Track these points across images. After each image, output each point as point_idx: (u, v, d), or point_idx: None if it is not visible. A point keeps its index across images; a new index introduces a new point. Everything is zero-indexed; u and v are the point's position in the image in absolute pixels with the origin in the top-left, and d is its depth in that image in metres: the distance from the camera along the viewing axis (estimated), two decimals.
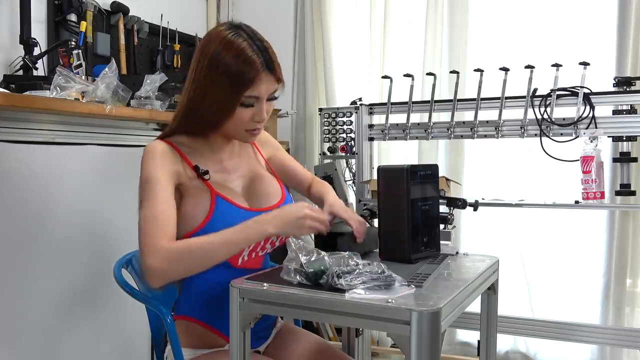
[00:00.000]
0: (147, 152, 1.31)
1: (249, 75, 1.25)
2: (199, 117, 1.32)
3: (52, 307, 1.88)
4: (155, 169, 1.28)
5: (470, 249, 1.60)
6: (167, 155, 1.31)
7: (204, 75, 1.28)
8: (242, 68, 1.25)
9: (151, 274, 1.19)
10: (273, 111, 3.01)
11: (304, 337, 1.51)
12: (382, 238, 1.40)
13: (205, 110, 1.30)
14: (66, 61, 2.15)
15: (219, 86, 1.26)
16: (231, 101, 1.27)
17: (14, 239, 1.76)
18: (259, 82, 1.26)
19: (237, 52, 1.26)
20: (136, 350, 2.20)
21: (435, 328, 0.99)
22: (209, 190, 1.32)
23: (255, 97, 1.28)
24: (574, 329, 2.19)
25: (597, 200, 2.03)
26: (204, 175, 1.32)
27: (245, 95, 1.27)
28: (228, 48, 1.26)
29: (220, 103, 1.28)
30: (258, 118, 1.32)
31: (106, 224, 2.06)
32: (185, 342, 1.35)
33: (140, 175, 1.29)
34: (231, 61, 1.25)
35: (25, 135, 1.78)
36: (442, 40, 2.83)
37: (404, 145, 2.85)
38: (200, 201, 1.30)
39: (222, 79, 1.26)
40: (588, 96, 2.09)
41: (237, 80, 1.25)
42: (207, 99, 1.29)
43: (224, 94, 1.27)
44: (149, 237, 1.20)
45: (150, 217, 1.22)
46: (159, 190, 1.26)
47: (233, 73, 1.25)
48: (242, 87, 1.26)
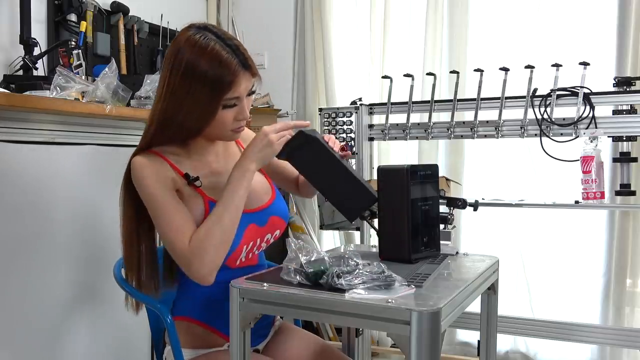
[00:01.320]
0: (136, 169, 1.28)
1: (227, 78, 1.23)
2: (177, 126, 1.29)
3: (52, 307, 1.88)
4: (152, 184, 1.26)
5: (470, 249, 1.60)
6: (156, 165, 1.29)
7: (179, 84, 1.24)
8: (219, 72, 1.22)
9: (198, 275, 1.23)
10: (273, 111, 3.05)
11: (304, 336, 1.51)
12: (382, 238, 1.40)
13: (184, 118, 1.27)
14: (66, 61, 2.15)
15: (197, 94, 1.23)
16: (212, 106, 1.25)
17: (13, 238, 1.76)
18: (238, 84, 1.25)
19: (210, 57, 1.22)
20: (136, 350, 2.20)
21: (435, 328, 0.99)
22: (201, 196, 1.31)
23: (235, 98, 1.27)
24: (574, 329, 2.19)
25: (597, 200, 2.03)
26: (194, 182, 1.31)
27: (225, 98, 1.25)
28: (201, 53, 1.23)
29: (201, 110, 1.25)
30: (241, 117, 1.30)
31: (106, 224, 2.06)
32: (184, 342, 1.35)
33: (141, 192, 1.28)
34: (206, 67, 1.22)
35: (25, 135, 1.78)
36: (442, 40, 2.83)
37: (404, 145, 2.85)
38: (193, 208, 1.30)
39: (199, 86, 1.23)
40: (588, 96, 2.09)
41: (216, 86, 1.23)
42: (185, 108, 1.26)
43: (204, 100, 1.24)
44: (179, 249, 1.23)
45: (172, 231, 1.24)
46: (167, 203, 1.26)
47: (210, 79, 1.22)
48: (221, 92, 1.24)
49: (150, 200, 1.27)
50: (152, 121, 1.32)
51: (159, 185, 1.27)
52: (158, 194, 1.26)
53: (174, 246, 1.25)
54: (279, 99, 3.15)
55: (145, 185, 1.27)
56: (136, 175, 1.28)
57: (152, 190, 1.27)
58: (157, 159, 1.31)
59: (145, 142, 1.33)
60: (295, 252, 1.17)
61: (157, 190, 1.26)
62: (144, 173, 1.27)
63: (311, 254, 1.17)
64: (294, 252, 1.17)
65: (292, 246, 1.18)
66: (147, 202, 1.28)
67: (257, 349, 1.43)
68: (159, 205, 1.26)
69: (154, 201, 1.26)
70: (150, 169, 1.28)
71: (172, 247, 1.26)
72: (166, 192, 1.27)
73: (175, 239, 1.24)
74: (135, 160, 1.30)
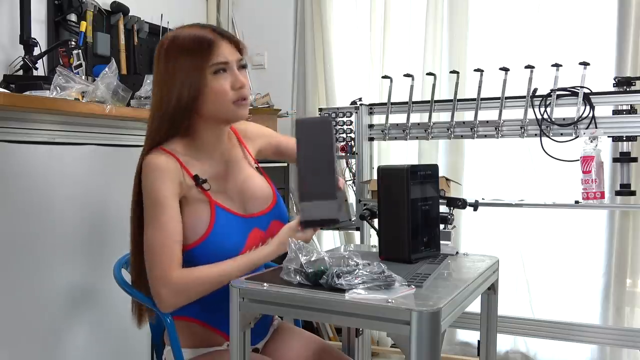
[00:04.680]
0: (149, 166, 1.28)
1: (204, 44, 1.27)
2: (174, 108, 1.29)
3: (51, 307, 1.88)
4: (161, 188, 1.26)
5: (470, 249, 1.60)
6: (170, 167, 1.28)
7: (165, 70, 1.30)
8: (197, 41, 1.28)
9: (162, 304, 1.25)
10: (273, 111, 3.05)
11: (303, 336, 1.51)
12: (382, 238, 1.40)
13: (178, 95, 1.28)
14: (66, 61, 2.15)
15: (181, 69, 1.27)
16: (198, 73, 1.27)
17: (13, 238, 1.76)
18: (217, 47, 1.28)
19: (186, 35, 1.30)
20: (136, 350, 2.20)
21: (435, 328, 0.99)
22: (208, 199, 1.31)
23: (222, 62, 1.28)
24: (574, 329, 2.19)
25: (597, 200, 2.03)
26: (203, 184, 1.31)
27: (211, 63, 1.27)
28: (177, 37, 1.31)
29: (190, 80, 1.27)
30: (238, 84, 1.30)
31: (106, 224, 2.06)
32: (184, 342, 1.35)
33: (146, 192, 1.28)
34: (184, 43, 1.29)
35: (25, 135, 1.78)
36: (442, 40, 2.84)
37: (404, 145, 2.85)
38: (200, 211, 1.30)
39: (181, 62, 1.27)
40: (588, 96, 2.09)
41: (197, 53, 1.27)
42: (176, 85, 1.28)
43: (190, 70, 1.27)
44: (159, 269, 1.24)
45: (158, 245, 1.24)
46: (167, 212, 1.25)
47: (190, 49, 1.27)
48: (202, 56, 1.27)
49: (153, 203, 1.26)
50: (152, 116, 1.34)
51: (167, 191, 1.26)
52: (163, 198, 1.25)
53: (154, 265, 1.25)
54: (279, 99, 3.15)
55: (152, 183, 1.26)
56: (148, 171, 1.27)
57: (158, 193, 1.26)
58: (169, 158, 1.30)
59: (152, 140, 1.33)
60: (295, 252, 1.17)
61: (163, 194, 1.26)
62: (155, 172, 1.27)
63: (311, 254, 1.17)
64: (294, 252, 1.17)
65: (292, 246, 1.18)
66: (147, 201, 1.28)
67: (256, 348, 1.43)
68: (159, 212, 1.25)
69: (156, 205, 1.26)
70: (164, 171, 1.27)
71: (152, 264, 1.25)
72: (171, 201, 1.26)
73: (159, 257, 1.24)
74: (149, 159, 1.29)
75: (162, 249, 1.24)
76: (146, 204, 1.28)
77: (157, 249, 1.24)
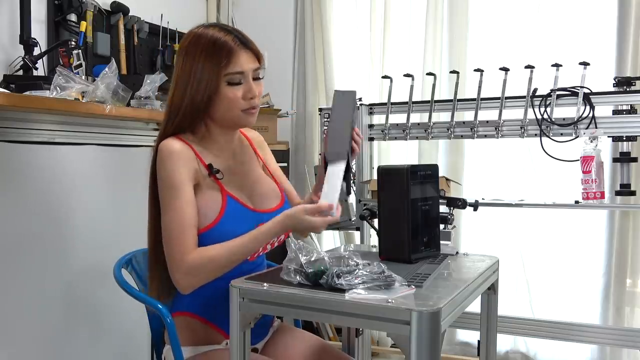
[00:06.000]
0: (165, 151, 1.30)
1: (224, 51, 1.31)
2: (187, 104, 1.33)
3: (51, 307, 1.88)
4: (176, 171, 1.29)
5: (470, 249, 1.60)
6: (185, 153, 1.32)
7: (183, 67, 1.34)
8: (218, 47, 1.31)
9: (181, 287, 1.27)
10: (273, 111, 3.05)
11: (303, 336, 1.51)
12: (382, 238, 1.40)
13: (193, 94, 1.32)
14: (66, 61, 2.15)
15: (201, 70, 1.31)
16: (214, 79, 1.30)
17: (13, 238, 1.76)
18: (236, 56, 1.31)
19: (209, 38, 1.33)
20: (136, 350, 2.20)
21: (435, 328, 0.99)
22: (220, 189, 1.34)
23: (238, 72, 1.31)
24: (574, 329, 2.19)
25: (597, 200, 2.03)
26: (216, 174, 1.34)
27: (227, 72, 1.30)
28: (201, 37, 1.34)
29: (205, 83, 1.31)
30: (250, 94, 1.33)
31: (106, 224, 2.06)
32: (184, 340, 1.35)
33: (161, 177, 1.30)
34: (205, 46, 1.32)
35: (25, 135, 1.78)
36: (442, 40, 2.83)
37: (404, 145, 2.85)
38: (211, 199, 1.32)
39: (200, 62, 1.31)
40: (588, 96, 2.09)
41: (215, 59, 1.30)
42: (193, 84, 1.31)
43: (206, 74, 1.30)
44: (176, 251, 1.26)
45: (176, 229, 1.26)
46: (183, 196, 1.28)
47: (210, 54, 1.31)
48: (221, 63, 1.30)
49: (169, 186, 1.28)
50: (168, 109, 1.37)
51: (182, 176, 1.29)
52: (179, 183, 1.28)
53: (172, 249, 1.26)
54: (279, 99, 3.15)
55: (168, 168, 1.29)
56: (163, 156, 1.30)
57: (174, 177, 1.28)
58: (184, 145, 1.33)
59: (166, 128, 1.36)
60: (295, 252, 1.18)
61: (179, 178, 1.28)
62: (171, 157, 1.29)
63: (311, 254, 1.17)
64: (294, 252, 1.18)
65: (292, 246, 1.19)
66: (163, 186, 1.30)
67: (255, 348, 1.43)
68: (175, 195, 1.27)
69: (172, 188, 1.28)
70: (179, 157, 1.30)
71: (170, 249, 1.27)
72: (186, 186, 1.29)
73: (177, 242, 1.26)
74: (165, 143, 1.32)
75: (179, 233, 1.26)
76: (161, 189, 1.30)
77: (174, 233, 1.27)
